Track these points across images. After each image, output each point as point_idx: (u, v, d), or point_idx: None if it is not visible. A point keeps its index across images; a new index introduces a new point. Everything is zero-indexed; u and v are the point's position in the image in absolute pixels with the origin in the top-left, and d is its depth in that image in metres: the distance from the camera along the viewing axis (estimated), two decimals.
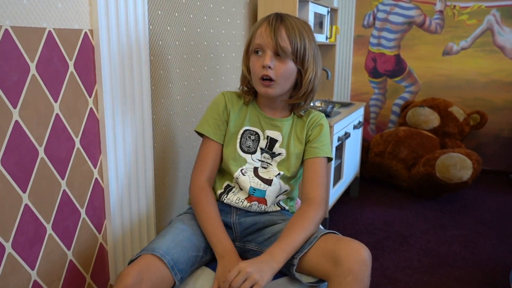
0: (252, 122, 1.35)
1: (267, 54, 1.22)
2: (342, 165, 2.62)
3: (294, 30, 1.21)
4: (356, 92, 3.92)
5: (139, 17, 1.43)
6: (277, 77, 1.23)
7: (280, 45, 1.20)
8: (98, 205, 1.41)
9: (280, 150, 1.33)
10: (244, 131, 1.34)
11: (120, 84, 1.39)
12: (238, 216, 1.33)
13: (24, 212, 1.16)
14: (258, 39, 1.23)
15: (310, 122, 1.34)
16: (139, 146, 1.50)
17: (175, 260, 1.14)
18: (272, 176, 1.33)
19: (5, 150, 1.08)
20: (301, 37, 1.22)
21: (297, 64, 1.24)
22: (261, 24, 1.25)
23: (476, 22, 3.47)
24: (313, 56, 1.26)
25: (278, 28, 1.20)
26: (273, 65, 1.22)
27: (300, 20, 1.27)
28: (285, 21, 1.22)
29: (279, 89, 1.25)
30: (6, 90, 1.07)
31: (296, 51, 1.21)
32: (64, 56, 1.22)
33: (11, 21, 1.07)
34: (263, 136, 1.34)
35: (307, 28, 1.26)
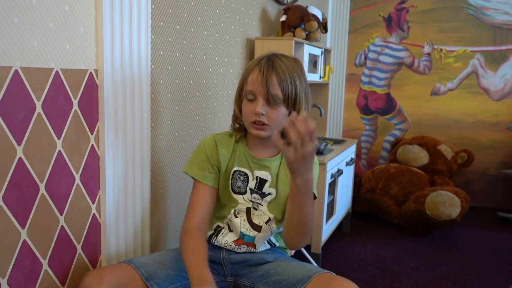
0: (241, 163, 1.34)
1: (259, 101, 1.22)
2: (334, 201, 2.66)
3: (285, 75, 1.20)
4: (348, 128, 4.00)
5: (142, 57, 1.49)
6: (269, 122, 1.24)
7: (271, 93, 1.20)
8: (94, 241, 1.41)
9: (270, 190, 1.33)
10: (234, 171, 1.34)
11: (121, 122, 1.42)
12: (227, 253, 1.35)
13: (22, 248, 1.17)
14: (250, 85, 1.24)
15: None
16: (137, 182, 1.52)
17: (150, 273, 1.21)
18: (262, 222, 1.33)
19: (7, 186, 1.10)
20: (292, 82, 1.21)
21: (288, 107, 1.24)
22: (253, 70, 1.25)
23: (461, 65, 3.61)
24: (304, 96, 1.26)
25: (269, 76, 1.20)
26: (265, 111, 1.22)
27: (290, 60, 1.27)
28: (276, 67, 1.21)
29: (270, 131, 1.26)
30: (12, 128, 1.10)
31: (287, 97, 1.22)
32: (69, 95, 1.26)
33: (21, 62, 1.11)
34: (252, 176, 1.33)
35: (298, 68, 1.26)
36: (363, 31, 3.85)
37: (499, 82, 3.53)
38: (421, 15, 3.67)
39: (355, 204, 3.38)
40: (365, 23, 3.84)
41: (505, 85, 3.52)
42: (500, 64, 3.51)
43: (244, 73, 1.29)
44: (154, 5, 1.58)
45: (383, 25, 3.78)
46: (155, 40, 1.61)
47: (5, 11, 1.05)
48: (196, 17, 1.85)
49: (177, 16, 1.72)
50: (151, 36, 1.58)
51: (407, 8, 3.70)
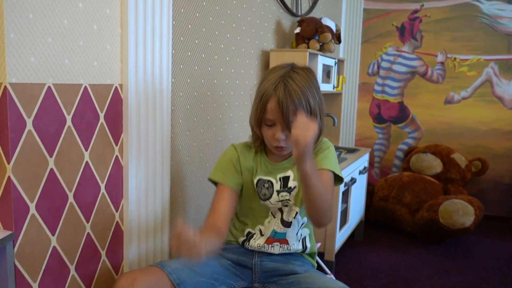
0: (263, 172, 1.41)
1: (278, 128, 1.29)
2: (348, 209, 2.69)
3: (300, 100, 1.25)
4: (360, 136, 4.03)
5: (163, 71, 1.56)
6: (288, 144, 1.32)
7: (290, 120, 1.25)
8: (117, 248, 1.48)
9: (294, 183, 1.39)
10: (258, 180, 1.41)
11: (143, 133, 1.49)
12: (260, 259, 1.41)
13: (52, 254, 1.23)
14: (270, 114, 1.28)
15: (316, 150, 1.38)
16: (157, 191, 1.59)
17: (181, 279, 1.26)
18: (291, 218, 1.41)
19: (39, 195, 1.17)
20: (306, 101, 1.26)
21: None
22: (270, 99, 1.28)
23: (475, 74, 3.62)
24: (318, 107, 1.31)
25: (287, 105, 1.25)
26: (285, 136, 1.29)
27: (303, 75, 1.30)
28: (292, 93, 1.24)
29: (289, 149, 1.35)
30: (44, 141, 1.17)
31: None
32: (96, 108, 1.33)
33: (54, 79, 1.18)
34: (275, 180, 1.40)
35: (311, 82, 1.30)
36: (376, 41, 3.89)
37: None
38: (434, 24, 3.69)
39: (368, 212, 3.41)
40: (378, 32, 3.88)
41: None
42: None
43: (261, 98, 1.31)
44: (175, 21, 1.65)
45: (396, 34, 3.82)
46: (176, 54, 1.68)
47: (40, 32, 1.13)
48: (214, 31, 1.92)
49: (196, 31, 1.79)
50: (172, 51, 1.65)
51: (420, 17, 3.73)
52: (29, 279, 1.17)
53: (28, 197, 1.14)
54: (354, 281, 2.48)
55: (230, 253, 1.43)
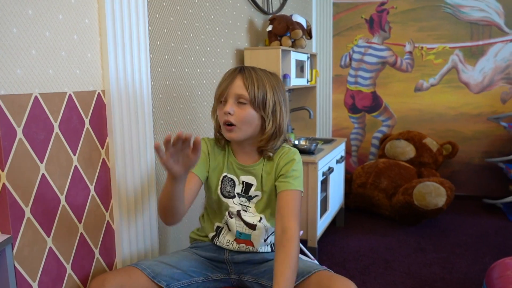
0: (229, 169, 1.45)
1: (228, 102, 1.34)
2: (327, 198, 2.81)
3: (252, 79, 1.33)
4: (337, 127, 4.16)
5: (143, 75, 1.63)
6: (237, 122, 1.34)
7: (236, 92, 1.33)
8: (109, 246, 1.55)
9: (255, 193, 1.43)
10: (224, 177, 1.45)
11: (127, 136, 1.57)
12: (231, 254, 1.48)
13: (49, 255, 1.30)
14: (219, 89, 1.37)
15: (279, 159, 1.41)
16: (144, 189, 1.67)
17: (156, 272, 1.34)
18: (256, 221, 1.44)
19: (33, 199, 1.24)
20: (259, 86, 1.33)
21: (257, 110, 1.34)
22: (223, 76, 1.39)
23: (442, 61, 3.79)
24: (275, 103, 1.35)
25: (235, 77, 1.34)
26: (233, 111, 1.33)
27: (266, 72, 1.39)
28: (245, 72, 1.35)
29: (241, 133, 1.36)
30: (35, 148, 1.24)
31: (254, 98, 1.32)
32: (81, 114, 1.40)
33: (40, 89, 1.25)
34: (238, 181, 1.44)
35: (272, 79, 1.37)
36: (347, 34, 4.02)
37: (478, 76, 3.71)
38: (401, 15, 3.84)
39: (347, 199, 3.54)
40: (348, 25, 4.00)
41: (484, 78, 3.70)
42: (478, 58, 3.69)
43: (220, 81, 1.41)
44: (151, 26, 1.73)
45: (365, 26, 3.95)
46: (153, 58, 1.76)
47: (24, 45, 1.19)
48: (189, 34, 2.00)
49: (172, 34, 1.87)
50: (150, 55, 1.72)
51: (387, 9, 3.87)
52: (29, 279, 1.24)
53: (23, 201, 1.21)
54: (337, 264, 2.61)
55: (202, 251, 1.50)
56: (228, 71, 1.39)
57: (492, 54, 3.66)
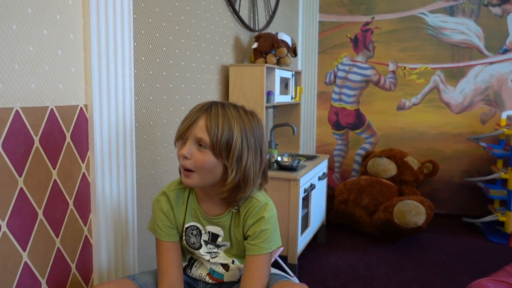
0: (192, 217, 1.32)
1: (186, 144, 1.18)
2: (309, 214, 2.83)
3: (217, 121, 1.15)
4: (321, 143, 4.20)
5: (126, 90, 1.64)
6: (195, 167, 1.17)
7: (196, 135, 1.16)
8: (87, 260, 1.55)
9: (224, 243, 1.32)
10: (186, 228, 1.33)
11: (109, 150, 1.57)
12: (204, 285, 1.42)
13: (23, 269, 1.29)
14: (181, 126, 1.20)
15: (246, 215, 1.26)
16: (122, 204, 1.66)
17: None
18: (229, 263, 1.35)
19: (10, 214, 1.23)
20: (224, 129, 1.15)
21: (218, 158, 1.17)
22: (189, 112, 1.22)
23: (424, 81, 3.87)
24: (242, 149, 1.17)
25: (199, 117, 1.17)
26: (190, 155, 1.17)
27: (239, 111, 1.20)
28: (211, 112, 1.17)
29: (199, 180, 1.20)
30: (13, 161, 1.24)
31: (215, 144, 1.15)
32: (62, 129, 1.41)
33: (21, 103, 1.25)
34: (204, 230, 1.32)
35: (246, 119, 1.20)
36: (332, 52, 4.08)
37: (458, 96, 3.80)
38: (384, 35, 3.92)
39: (329, 215, 3.56)
40: (333, 44, 4.07)
41: (464, 99, 3.79)
42: (459, 79, 3.78)
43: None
44: (136, 42, 1.74)
45: (350, 45, 4.02)
46: (138, 73, 1.77)
47: (7, 59, 1.20)
48: (174, 50, 2.02)
49: (157, 50, 1.89)
50: (134, 70, 1.73)
51: (371, 29, 3.95)
52: None
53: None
54: (316, 282, 2.62)
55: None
56: (195, 107, 1.22)
57: (472, 76, 3.75)
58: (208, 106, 1.19)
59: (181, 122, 1.22)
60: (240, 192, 1.21)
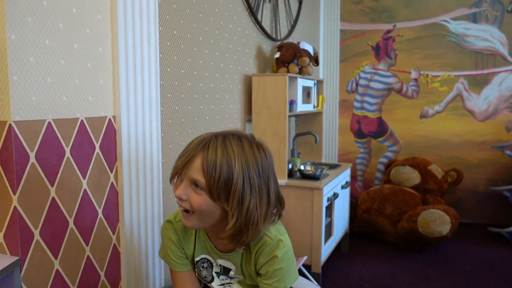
0: (202, 250, 1.26)
1: (181, 184, 1.08)
2: (332, 223, 2.82)
3: (214, 161, 1.02)
4: (343, 151, 4.19)
5: (153, 101, 1.68)
6: (193, 209, 1.08)
7: (191, 176, 1.05)
8: (115, 268, 1.58)
9: (236, 276, 1.25)
10: (197, 261, 1.27)
11: (136, 160, 1.60)
12: None
13: (55, 276, 1.33)
14: (177, 162, 1.09)
15: (258, 253, 1.16)
16: (149, 213, 1.69)
17: None
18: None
19: (43, 223, 1.27)
20: (222, 170, 1.02)
21: (215, 201, 1.05)
22: (187, 146, 1.10)
23: (447, 89, 3.82)
24: (245, 191, 1.04)
25: (195, 155, 1.05)
26: (186, 196, 1.07)
27: (243, 145, 1.07)
28: (208, 150, 1.04)
29: (198, 222, 1.11)
30: (46, 172, 1.28)
31: (212, 187, 1.03)
32: (92, 140, 1.44)
33: (53, 115, 1.29)
34: (215, 263, 1.25)
35: (250, 155, 1.06)
36: (353, 60, 4.08)
37: (482, 104, 3.74)
38: (406, 43, 3.90)
39: (352, 224, 3.54)
40: (354, 52, 4.07)
41: (489, 106, 3.73)
42: (483, 87, 3.72)
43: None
44: (161, 54, 1.78)
45: (371, 53, 4.01)
46: (164, 84, 1.81)
47: (40, 73, 1.24)
48: (198, 61, 2.05)
49: (182, 61, 1.92)
50: (160, 81, 1.77)
51: (393, 37, 3.93)
52: None
53: (32, 224, 1.24)
54: None
55: None
56: (194, 141, 1.10)
57: (497, 83, 3.69)
58: (207, 142, 1.06)
59: (178, 156, 1.10)
60: (242, 237, 1.08)
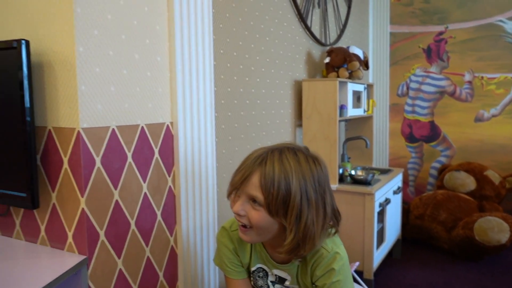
0: (258, 260, 1.27)
1: (239, 200, 1.10)
2: (384, 229, 2.77)
3: (272, 178, 1.03)
4: (394, 156, 4.10)
5: (207, 107, 1.73)
6: (251, 224, 1.09)
7: (249, 193, 1.07)
8: (172, 269, 1.63)
9: (292, 286, 1.25)
10: (253, 271, 1.29)
11: (192, 164, 1.66)
12: None
13: (118, 275, 1.39)
14: (234, 178, 1.11)
15: (314, 265, 1.16)
16: (204, 216, 1.74)
17: None
18: None
19: (108, 224, 1.34)
20: (280, 187, 1.03)
21: (274, 217, 1.06)
22: (243, 161, 1.12)
23: (504, 92, 3.66)
24: (302, 207, 1.04)
25: (253, 172, 1.06)
26: (244, 212, 1.09)
27: (300, 160, 1.07)
28: (266, 166, 1.05)
29: (256, 237, 1.12)
30: (110, 176, 1.35)
31: (270, 204, 1.04)
32: (151, 145, 1.51)
33: (116, 122, 1.36)
34: (271, 272, 1.26)
35: (307, 170, 1.06)
36: (404, 63, 3.99)
37: None
38: (460, 45, 3.77)
39: (404, 230, 3.45)
40: (405, 55, 3.98)
41: None
42: None
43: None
44: (215, 61, 1.83)
45: (423, 56, 3.91)
46: (217, 91, 1.86)
47: (105, 83, 1.31)
48: (250, 67, 2.09)
49: (235, 68, 1.97)
50: (214, 88, 1.82)
51: (445, 39, 3.82)
52: None
53: (98, 225, 1.31)
54: None
55: None
56: (250, 157, 1.11)
57: None
58: (264, 158, 1.07)
59: (235, 172, 1.12)
60: (300, 251, 1.09)
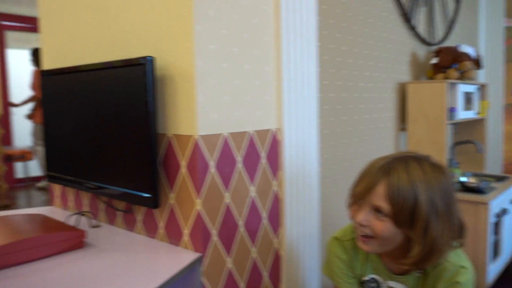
0: (372, 270, 1.24)
1: (362, 210, 1.08)
2: (499, 242, 2.56)
3: (398, 188, 1.01)
4: (509, 161, 3.76)
5: (312, 114, 1.75)
6: (375, 234, 1.07)
7: (374, 203, 1.05)
8: (276, 271, 1.68)
9: None
10: (364, 281, 1.25)
11: (296, 169, 1.69)
12: None
13: (228, 274, 1.48)
14: (356, 188, 1.10)
15: (437, 278, 1.11)
16: (307, 220, 1.77)
17: None
18: None
19: (219, 224, 1.43)
20: (407, 198, 1.00)
21: (400, 228, 1.04)
22: (365, 169, 1.10)
23: None
24: (430, 218, 1.01)
25: (378, 182, 1.04)
26: (368, 222, 1.07)
27: (426, 169, 1.04)
28: (392, 175, 1.03)
29: (378, 248, 1.10)
30: (222, 179, 1.43)
31: (397, 215, 1.02)
32: (259, 150, 1.57)
33: (228, 129, 1.45)
34: (385, 284, 1.22)
35: (433, 179, 1.03)
36: None
37: None
38: None
39: None
40: None
41: None
42: None
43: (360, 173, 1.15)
44: (320, 68, 1.86)
45: None
46: (321, 97, 1.88)
47: (220, 93, 1.41)
48: (353, 72, 2.08)
49: (338, 73, 1.97)
50: (318, 94, 1.84)
51: None
52: None
53: (211, 225, 1.40)
54: None
55: None
56: (373, 165, 1.09)
57: None
58: (388, 168, 1.05)
59: (356, 182, 1.12)
60: (424, 263, 1.06)
